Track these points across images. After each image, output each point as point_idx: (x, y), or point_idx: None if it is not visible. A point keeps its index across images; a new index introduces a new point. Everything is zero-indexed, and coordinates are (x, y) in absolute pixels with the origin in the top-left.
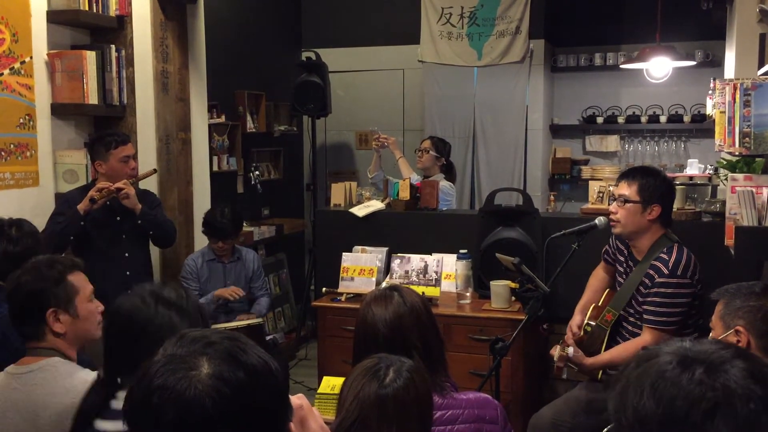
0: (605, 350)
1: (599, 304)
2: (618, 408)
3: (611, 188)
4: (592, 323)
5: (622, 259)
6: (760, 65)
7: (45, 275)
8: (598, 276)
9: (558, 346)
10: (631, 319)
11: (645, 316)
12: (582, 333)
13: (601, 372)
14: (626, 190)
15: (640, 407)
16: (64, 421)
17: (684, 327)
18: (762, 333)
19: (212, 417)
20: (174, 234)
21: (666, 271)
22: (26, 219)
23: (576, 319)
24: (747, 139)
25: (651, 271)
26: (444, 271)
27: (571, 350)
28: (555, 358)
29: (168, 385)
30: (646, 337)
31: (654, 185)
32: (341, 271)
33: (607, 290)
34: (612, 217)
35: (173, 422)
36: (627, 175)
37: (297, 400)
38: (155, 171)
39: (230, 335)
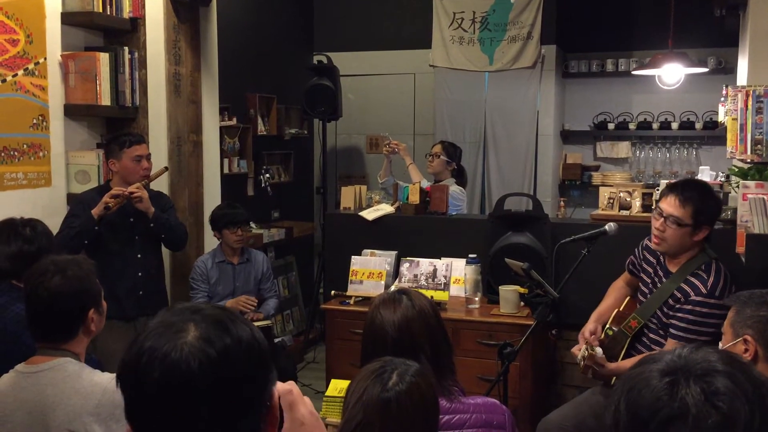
0: (624, 357)
1: (621, 309)
2: (607, 407)
3: (621, 194)
4: (615, 328)
5: (650, 269)
6: None
7: (80, 275)
8: (618, 286)
9: (583, 346)
10: (653, 327)
11: (672, 330)
12: (603, 336)
13: (614, 378)
14: (680, 211)
15: (617, 410)
16: (74, 422)
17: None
18: None
19: (197, 378)
20: (186, 238)
21: (704, 291)
22: (38, 219)
23: (589, 326)
24: (759, 146)
25: (686, 287)
26: (453, 276)
27: (600, 350)
28: (579, 357)
29: (156, 346)
30: (669, 349)
31: (709, 209)
32: (350, 275)
33: (628, 298)
34: (657, 234)
35: (158, 382)
36: (682, 193)
37: (287, 385)
38: (166, 169)
39: (220, 306)
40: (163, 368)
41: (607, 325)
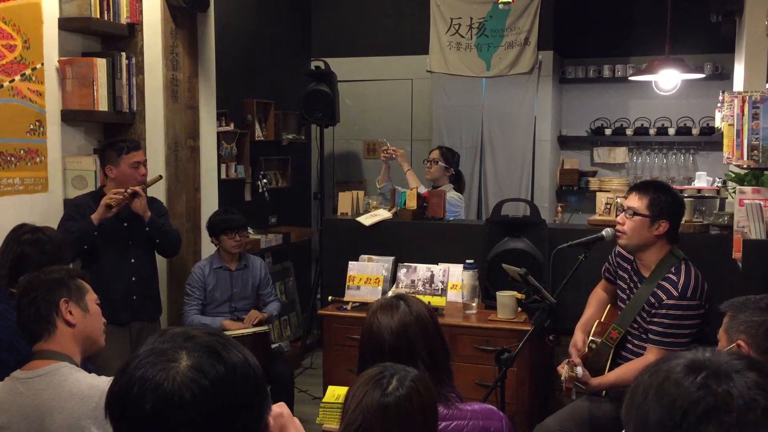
0: (610, 367)
1: (602, 320)
2: (626, 410)
3: (618, 199)
4: (597, 340)
5: (625, 275)
6: None
7: (55, 273)
8: (598, 295)
9: (565, 365)
10: (636, 333)
11: (651, 336)
12: (587, 350)
13: (603, 391)
14: (636, 202)
15: (644, 406)
16: (71, 426)
17: (691, 343)
18: (763, 349)
19: (190, 408)
20: (179, 244)
21: (675, 293)
22: (46, 227)
23: (578, 337)
24: (755, 152)
25: (659, 291)
26: (450, 281)
27: (579, 370)
28: (562, 378)
29: (148, 376)
30: (650, 356)
31: (665, 201)
32: (347, 280)
33: (609, 306)
34: (618, 228)
35: (151, 412)
36: (638, 188)
37: (277, 408)
38: (161, 177)
39: (211, 331)
40: (156, 399)
41: (590, 338)
